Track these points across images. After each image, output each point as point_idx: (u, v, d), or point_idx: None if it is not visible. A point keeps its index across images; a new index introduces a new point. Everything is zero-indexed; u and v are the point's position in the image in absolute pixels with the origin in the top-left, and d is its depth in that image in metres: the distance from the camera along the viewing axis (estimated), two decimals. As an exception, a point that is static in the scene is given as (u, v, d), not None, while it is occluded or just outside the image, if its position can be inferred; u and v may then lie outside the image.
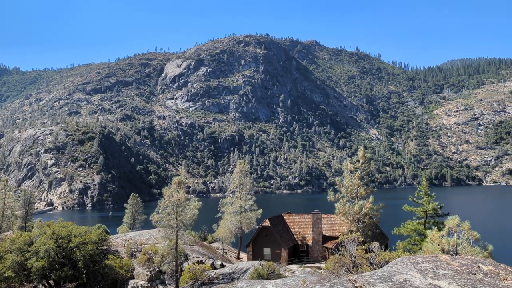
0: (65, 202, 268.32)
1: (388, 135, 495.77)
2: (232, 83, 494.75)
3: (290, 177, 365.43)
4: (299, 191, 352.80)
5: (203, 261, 50.12)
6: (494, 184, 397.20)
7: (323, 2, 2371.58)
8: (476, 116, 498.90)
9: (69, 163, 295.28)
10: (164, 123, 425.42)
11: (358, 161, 50.90)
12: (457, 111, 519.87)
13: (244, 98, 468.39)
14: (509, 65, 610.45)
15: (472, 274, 11.10)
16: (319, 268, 45.49)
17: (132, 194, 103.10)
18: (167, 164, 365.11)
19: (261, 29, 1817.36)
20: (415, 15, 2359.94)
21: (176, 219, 42.94)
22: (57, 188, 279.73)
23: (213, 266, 48.57)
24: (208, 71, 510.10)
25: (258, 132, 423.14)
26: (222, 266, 49.93)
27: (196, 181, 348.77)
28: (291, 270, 46.27)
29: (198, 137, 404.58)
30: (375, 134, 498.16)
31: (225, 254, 71.87)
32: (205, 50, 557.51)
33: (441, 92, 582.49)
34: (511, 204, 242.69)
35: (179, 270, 44.14)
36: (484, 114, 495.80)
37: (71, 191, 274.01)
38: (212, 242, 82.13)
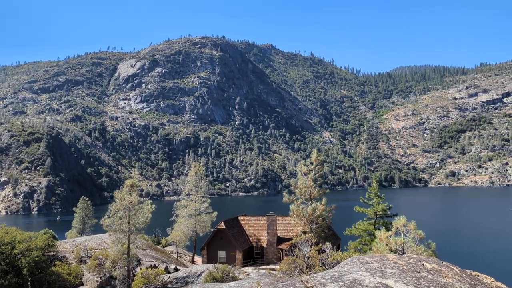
0: (8, 207, 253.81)
1: (341, 138, 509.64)
2: (187, 84, 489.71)
3: (246, 179, 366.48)
4: (254, 193, 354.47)
5: (157, 266, 49.15)
6: (439, 185, 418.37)
7: (278, 7, 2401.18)
8: (423, 121, 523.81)
9: (13, 165, 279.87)
10: (116, 124, 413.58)
11: (312, 163, 51.90)
12: (405, 115, 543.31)
13: (200, 100, 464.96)
14: (453, 73, 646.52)
15: (417, 272, 11.64)
16: (274, 269, 45.91)
17: (82, 198, 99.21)
18: (119, 167, 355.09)
19: (217, 31, 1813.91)
20: (366, 23, 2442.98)
21: (129, 223, 41.88)
22: (0, 192, 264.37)
23: (167, 270, 47.73)
24: (163, 72, 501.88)
25: (214, 134, 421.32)
26: (176, 270, 49.18)
27: (150, 183, 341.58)
28: (246, 272, 46.38)
29: (152, 139, 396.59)
30: (329, 137, 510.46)
31: (179, 257, 70.87)
32: (160, 51, 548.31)
33: (390, 98, 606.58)
34: (453, 204, 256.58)
35: (131, 275, 43.04)
36: (430, 119, 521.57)
37: (15, 195, 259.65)
38: (166, 246, 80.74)
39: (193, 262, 70.61)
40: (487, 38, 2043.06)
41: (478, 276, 14.29)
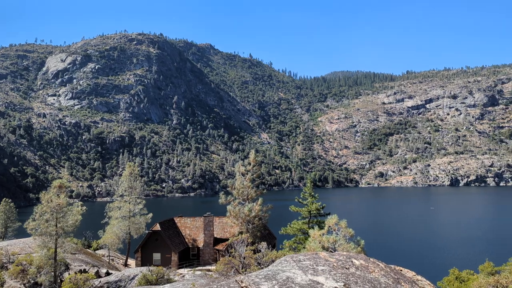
0: None
1: (278, 140, 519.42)
2: (122, 81, 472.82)
3: (183, 180, 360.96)
4: (192, 194, 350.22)
5: (87, 270, 46.96)
6: (368, 185, 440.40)
7: (218, 7, 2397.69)
8: (354, 124, 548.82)
9: None
10: (44, 121, 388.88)
11: (250, 164, 52.41)
12: (338, 118, 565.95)
13: (136, 98, 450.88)
14: (382, 79, 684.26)
15: (346, 268, 12.21)
16: (210, 270, 45.73)
17: (4, 199, 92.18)
18: (47, 166, 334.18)
19: (154, 28, 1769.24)
20: (303, 28, 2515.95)
21: (56, 225, 39.66)
22: None
23: (98, 275, 45.78)
24: (96, 67, 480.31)
25: (150, 134, 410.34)
26: (108, 274, 47.32)
27: (80, 184, 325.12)
28: (181, 274, 45.74)
29: (83, 137, 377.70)
30: (266, 138, 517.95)
31: (111, 261, 68.25)
32: (94, 46, 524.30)
33: (325, 101, 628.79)
34: (381, 204, 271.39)
35: (59, 281, 40.78)
36: (361, 122, 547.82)
37: None
38: (98, 249, 77.41)
39: (126, 265, 68.33)
40: (413, 48, 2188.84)
41: (401, 270, 15.26)
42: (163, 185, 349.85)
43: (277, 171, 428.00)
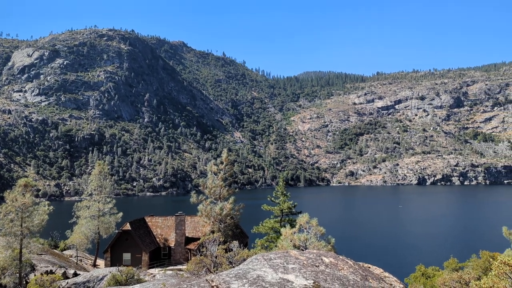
0: None
1: (251, 139, 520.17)
2: (92, 78, 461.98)
3: (154, 179, 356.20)
4: (163, 193, 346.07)
5: (53, 271, 45.72)
6: (339, 184, 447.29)
7: (191, 4, 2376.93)
8: (326, 123, 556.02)
9: None
10: (9, 118, 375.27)
11: (222, 163, 52.29)
12: (310, 118, 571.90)
13: (106, 95, 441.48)
14: (353, 80, 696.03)
15: (316, 266, 12.39)
16: (181, 270, 45.40)
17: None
18: (12, 165, 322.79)
19: (125, 25, 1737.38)
20: (276, 28, 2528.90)
21: (21, 225, 38.46)
22: None
23: (65, 276, 44.66)
24: (65, 63, 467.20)
25: (120, 132, 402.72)
26: (75, 275, 46.23)
27: (47, 183, 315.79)
28: (152, 274, 45.21)
29: (51, 135, 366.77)
30: (239, 137, 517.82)
31: (79, 261, 66.72)
32: (62, 41, 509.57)
33: (297, 101, 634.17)
34: (351, 202, 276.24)
35: (24, 282, 39.56)
36: (332, 122, 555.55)
37: None
38: (65, 250, 75.51)
39: (95, 265, 66.94)
40: (383, 50, 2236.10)
41: (369, 267, 15.60)
42: (134, 184, 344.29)
43: (250, 170, 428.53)
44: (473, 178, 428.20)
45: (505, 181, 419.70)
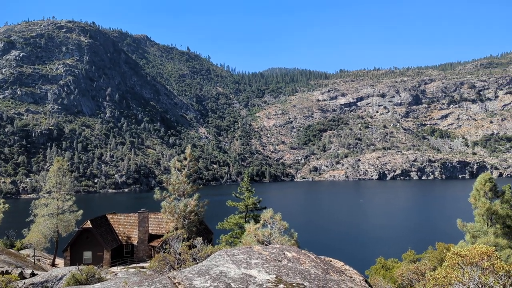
0: None
1: (216, 135, 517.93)
2: (50, 71, 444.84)
3: (116, 175, 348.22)
4: (126, 190, 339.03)
5: (9, 271, 43.92)
6: (303, 179, 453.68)
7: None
8: (291, 120, 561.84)
9: None
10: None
11: (186, 159, 51.82)
12: (275, 114, 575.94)
13: (65, 89, 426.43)
14: (317, 77, 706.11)
15: (279, 261, 12.57)
16: (144, 267, 44.76)
17: None
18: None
19: (86, 16, 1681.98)
20: (241, 23, 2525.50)
21: (-27, 226, 36.66)
22: None
23: (22, 276, 43.00)
24: (21, 55, 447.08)
25: (81, 127, 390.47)
26: (33, 274, 44.61)
27: (3, 180, 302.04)
28: (113, 272, 44.31)
29: (6, 130, 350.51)
30: (204, 133, 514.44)
31: (37, 261, 64.40)
32: (18, 32, 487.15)
33: (262, 97, 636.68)
34: (315, 197, 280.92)
35: (-24, 285, 37.69)
36: (297, 119, 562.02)
37: None
38: (22, 249, 72.71)
39: (54, 265, 64.84)
40: (346, 47, 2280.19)
41: (330, 261, 15.97)
42: (95, 181, 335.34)
43: (215, 166, 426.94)
44: (430, 173, 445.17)
45: (460, 176, 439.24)
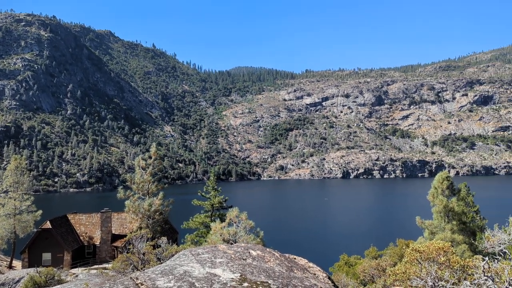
0: None
1: (182, 133, 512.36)
2: (8, 66, 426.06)
3: (78, 174, 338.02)
4: (88, 189, 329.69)
5: (-39, 276, 41.78)
6: (270, 178, 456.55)
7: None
8: (257, 119, 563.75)
9: None
10: None
11: (151, 157, 51.05)
12: (242, 113, 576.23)
13: (24, 84, 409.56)
14: (283, 76, 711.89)
15: (243, 259, 12.61)
16: (106, 268, 43.75)
17: None
18: None
19: (46, 10, 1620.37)
20: (208, 21, 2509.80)
21: None
22: None
23: (-25, 281, 40.98)
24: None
25: (40, 124, 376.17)
26: (-13, 279, 42.61)
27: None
28: (74, 274, 43.07)
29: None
30: (170, 131, 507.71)
31: (-8, 264, 61.60)
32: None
33: (229, 95, 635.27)
34: (280, 195, 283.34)
35: None
36: (264, 117, 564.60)
37: None
38: (-25, 252, 69.26)
39: (11, 267, 62.24)
40: (312, 48, 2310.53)
41: (295, 259, 16.17)
42: (56, 180, 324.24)
43: (180, 164, 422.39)
44: (391, 172, 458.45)
45: (419, 175, 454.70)
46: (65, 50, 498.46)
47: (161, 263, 24.67)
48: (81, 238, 58.38)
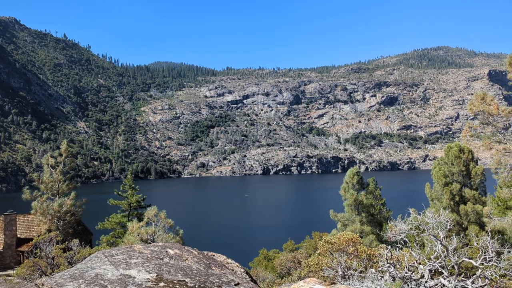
0: None
1: (97, 129, 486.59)
2: None
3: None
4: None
5: None
6: (191, 176, 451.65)
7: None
8: (178, 115, 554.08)
9: None
10: None
11: (61, 155, 47.93)
12: (162, 109, 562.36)
13: None
14: (204, 73, 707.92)
15: (160, 259, 12.39)
16: (10, 275, 40.25)
17: None
18: None
19: None
20: (125, 14, 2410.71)
21: None
22: None
23: None
24: None
25: None
26: None
27: None
28: (-29, 284, 38.96)
29: None
30: (84, 128, 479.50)
31: None
32: None
33: (148, 91, 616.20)
34: (202, 193, 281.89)
35: None
36: (184, 114, 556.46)
37: None
38: None
39: None
40: (233, 46, 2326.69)
41: (213, 255, 16.26)
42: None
43: (95, 162, 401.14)
44: (308, 168, 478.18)
45: (333, 170, 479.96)
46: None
47: (73, 267, 23.32)
48: (-20, 244, 52.99)
